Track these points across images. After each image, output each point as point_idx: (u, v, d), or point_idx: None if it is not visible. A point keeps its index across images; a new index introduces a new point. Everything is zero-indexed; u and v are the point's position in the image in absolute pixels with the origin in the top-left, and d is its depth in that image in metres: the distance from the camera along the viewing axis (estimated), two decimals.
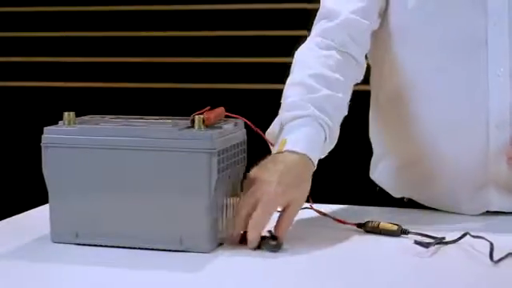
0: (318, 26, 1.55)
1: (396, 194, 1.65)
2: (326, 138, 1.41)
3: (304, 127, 1.38)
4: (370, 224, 1.38)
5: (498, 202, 1.52)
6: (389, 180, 1.67)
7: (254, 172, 1.33)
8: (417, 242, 1.26)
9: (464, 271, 1.21)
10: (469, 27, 1.48)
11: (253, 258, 1.27)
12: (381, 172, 1.68)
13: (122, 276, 1.19)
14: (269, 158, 1.36)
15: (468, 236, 1.31)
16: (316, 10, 1.67)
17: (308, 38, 1.56)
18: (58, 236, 1.33)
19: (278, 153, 1.35)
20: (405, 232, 1.36)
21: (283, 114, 1.42)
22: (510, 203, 1.53)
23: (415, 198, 1.62)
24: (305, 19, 1.75)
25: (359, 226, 1.40)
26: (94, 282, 1.17)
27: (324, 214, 1.45)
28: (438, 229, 1.37)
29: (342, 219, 1.41)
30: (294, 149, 1.35)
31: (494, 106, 1.48)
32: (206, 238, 1.27)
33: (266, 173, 1.31)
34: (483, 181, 1.52)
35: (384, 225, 1.37)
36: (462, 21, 1.48)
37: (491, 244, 1.25)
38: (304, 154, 1.35)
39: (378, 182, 1.69)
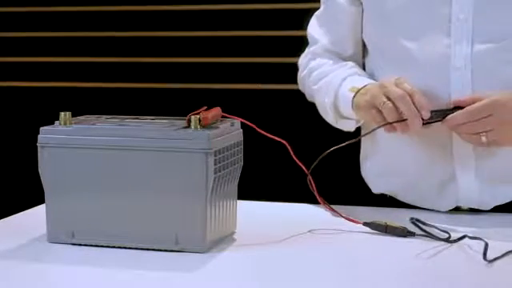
0: (307, 51, 1.72)
1: (375, 190, 1.66)
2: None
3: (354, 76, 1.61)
4: (376, 223, 1.40)
5: (466, 196, 1.54)
6: (370, 175, 1.68)
7: (364, 100, 1.50)
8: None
9: (461, 271, 1.22)
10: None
11: (248, 259, 1.27)
12: (364, 167, 1.70)
13: (117, 276, 1.19)
14: (358, 96, 1.53)
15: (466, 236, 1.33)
16: (315, 10, 1.68)
17: (302, 65, 1.73)
18: (54, 236, 1.33)
19: (357, 92, 1.54)
20: (410, 233, 1.37)
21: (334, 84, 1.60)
22: (478, 197, 1.54)
23: (391, 192, 1.63)
24: (303, 19, 1.75)
25: (366, 224, 1.41)
26: (90, 282, 1.16)
27: (335, 211, 1.46)
28: (442, 229, 1.37)
29: (351, 217, 1.43)
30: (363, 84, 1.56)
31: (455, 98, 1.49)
32: (202, 238, 1.27)
33: (376, 88, 1.49)
34: (450, 173, 1.53)
35: (390, 224, 1.39)
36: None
37: (486, 244, 1.25)
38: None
39: (364, 178, 1.70)
